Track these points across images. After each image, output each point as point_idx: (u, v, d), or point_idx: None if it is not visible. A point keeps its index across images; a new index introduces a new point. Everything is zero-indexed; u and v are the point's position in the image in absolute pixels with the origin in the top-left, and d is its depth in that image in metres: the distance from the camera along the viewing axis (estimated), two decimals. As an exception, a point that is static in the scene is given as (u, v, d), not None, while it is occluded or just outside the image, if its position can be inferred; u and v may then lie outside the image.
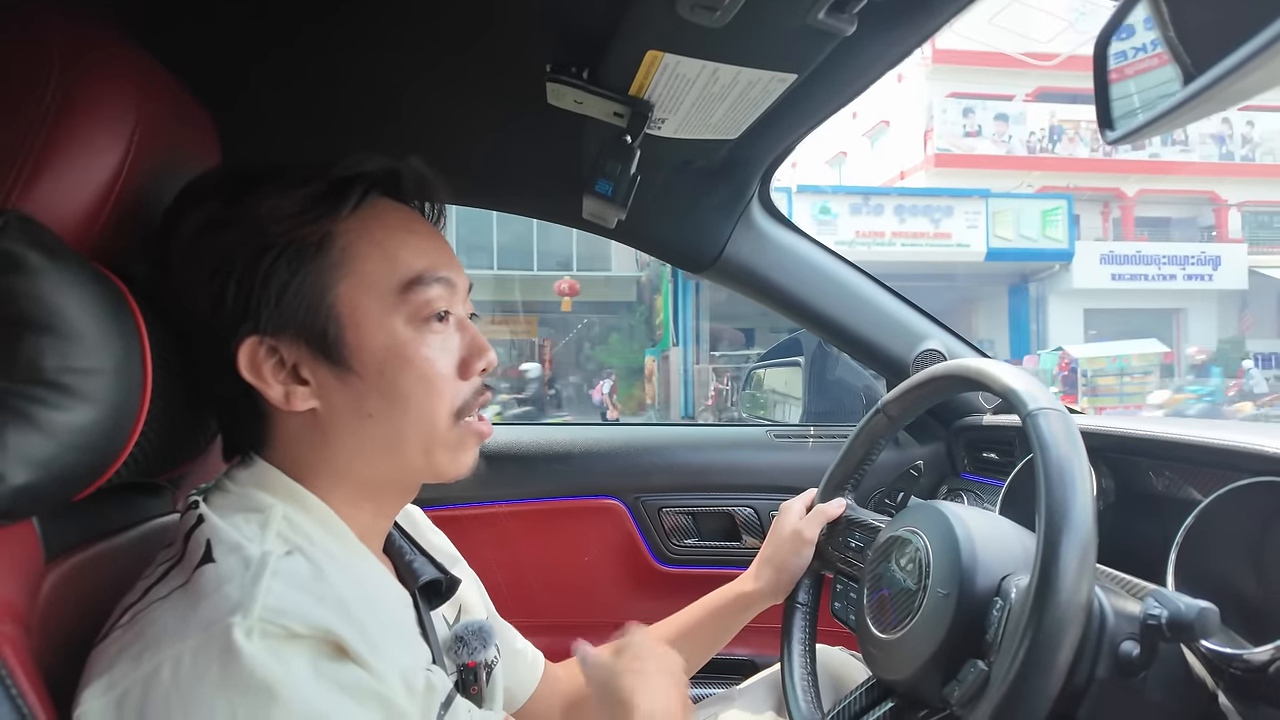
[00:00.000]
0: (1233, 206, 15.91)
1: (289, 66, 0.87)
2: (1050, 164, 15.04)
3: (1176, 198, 15.91)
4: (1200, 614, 0.58)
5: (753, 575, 0.95)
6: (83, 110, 0.56)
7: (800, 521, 0.95)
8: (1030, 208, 13.77)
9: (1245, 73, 0.40)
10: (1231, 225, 16.03)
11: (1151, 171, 15.35)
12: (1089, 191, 15.19)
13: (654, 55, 0.63)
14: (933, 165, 14.89)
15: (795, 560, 0.94)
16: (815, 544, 0.94)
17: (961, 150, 15.01)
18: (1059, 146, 15.18)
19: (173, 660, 0.47)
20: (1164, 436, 0.89)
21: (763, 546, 0.97)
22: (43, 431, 0.49)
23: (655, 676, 0.69)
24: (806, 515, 0.96)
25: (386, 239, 0.62)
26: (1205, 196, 15.92)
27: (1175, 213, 16.25)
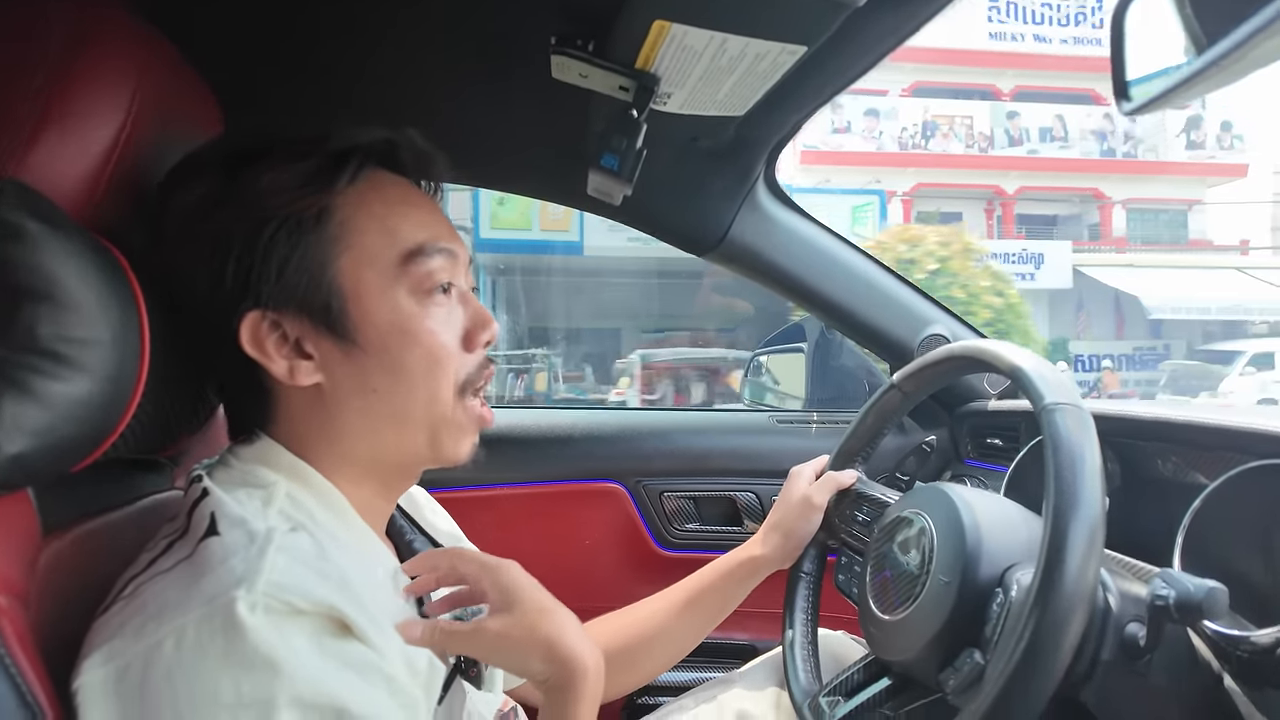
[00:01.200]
0: (1117, 204, 15.81)
1: (291, 39, 0.86)
2: (922, 160, 14.88)
3: (1060, 195, 15.78)
4: (1209, 594, 0.57)
5: (760, 540, 0.95)
6: (81, 79, 0.55)
7: (810, 487, 0.94)
8: (841, 204, 13.20)
9: (1258, 42, 0.40)
10: (1116, 223, 15.97)
11: (1028, 168, 15.18)
12: (970, 189, 15.02)
13: (661, 25, 0.62)
14: (799, 163, 14.70)
15: (803, 526, 0.93)
16: (824, 511, 0.93)
17: (830, 147, 14.82)
18: (932, 143, 15.03)
19: (176, 633, 0.47)
20: (1171, 419, 0.89)
21: (770, 512, 0.97)
22: (39, 401, 0.49)
23: (561, 613, 0.62)
24: (816, 481, 0.95)
25: (386, 212, 0.61)
26: (1089, 194, 15.79)
27: (1061, 210, 16.13)
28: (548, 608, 0.61)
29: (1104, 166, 15.48)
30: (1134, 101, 0.50)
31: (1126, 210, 16.04)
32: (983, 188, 15.22)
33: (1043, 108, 15.09)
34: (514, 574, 0.62)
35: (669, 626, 0.93)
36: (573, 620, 0.61)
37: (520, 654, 0.59)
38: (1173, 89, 0.48)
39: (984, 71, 15.18)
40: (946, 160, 14.87)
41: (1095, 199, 15.87)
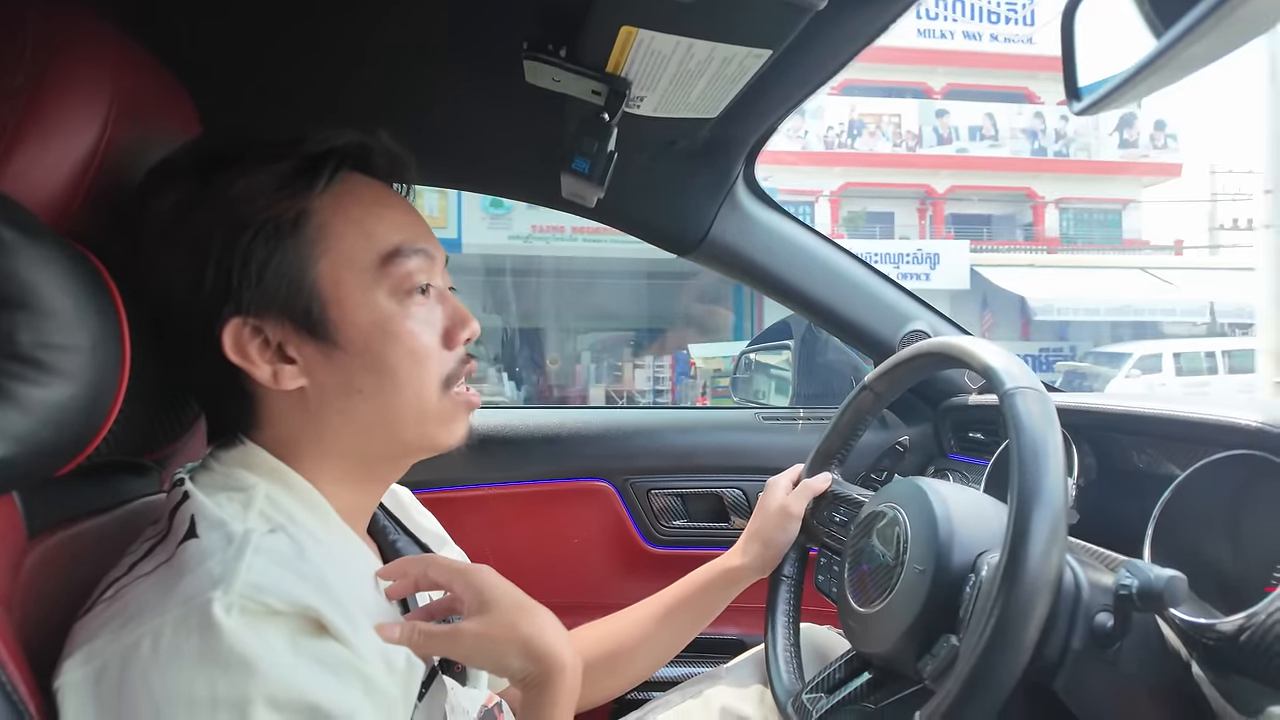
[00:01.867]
0: (1050, 203, 15.56)
1: (267, 43, 0.87)
2: (848, 160, 14.63)
3: (991, 194, 15.42)
4: (1169, 582, 0.59)
5: (739, 550, 0.96)
6: (57, 88, 0.56)
7: (787, 497, 0.95)
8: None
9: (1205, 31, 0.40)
10: (1049, 222, 15.71)
11: (957, 167, 14.86)
12: (900, 188, 14.78)
13: (628, 31, 0.63)
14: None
15: (782, 535, 0.94)
16: (801, 518, 0.94)
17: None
18: (859, 142, 14.78)
19: (152, 633, 0.48)
20: (1142, 412, 0.90)
21: (749, 521, 0.97)
22: (19, 407, 0.50)
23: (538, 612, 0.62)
24: (793, 490, 0.96)
25: (362, 215, 0.62)
26: (1022, 193, 15.51)
27: (995, 210, 15.79)
28: (525, 606, 0.61)
29: (1037, 165, 15.22)
30: (1084, 100, 0.51)
31: (1059, 210, 15.72)
32: (913, 187, 14.91)
33: (973, 106, 14.79)
34: (487, 576, 0.62)
35: (649, 635, 0.94)
36: (550, 618, 0.62)
37: (499, 653, 0.60)
38: (1123, 84, 0.49)
39: (915, 69, 14.89)
40: (871, 159, 14.59)
41: (1028, 198, 15.57)
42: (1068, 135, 15.22)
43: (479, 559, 0.81)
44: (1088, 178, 15.33)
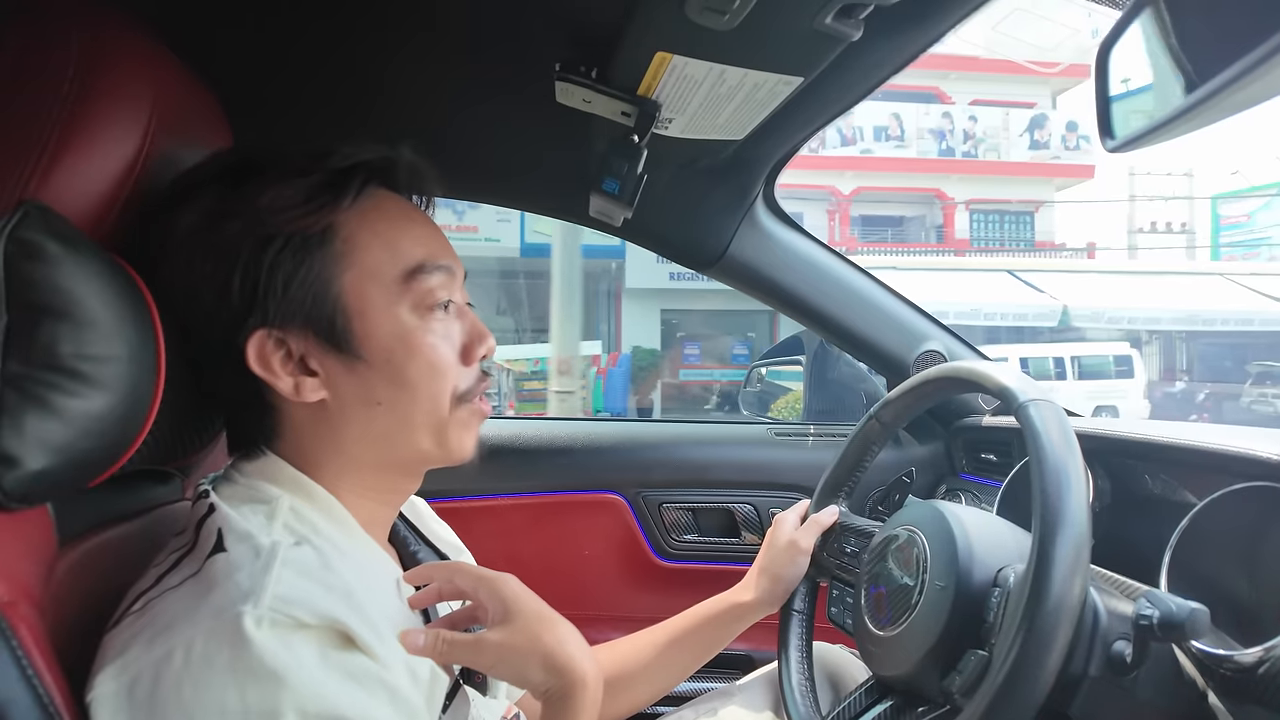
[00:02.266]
0: (960, 205, 15.19)
1: (301, 60, 0.88)
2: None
3: (899, 195, 15.07)
4: (1191, 615, 0.59)
5: (749, 586, 0.95)
6: (99, 102, 0.57)
7: (796, 532, 0.95)
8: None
9: (1246, 83, 0.41)
10: (959, 224, 15.39)
11: (862, 168, 14.52)
12: (805, 189, 14.31)
13: (662, 56, 0.64)
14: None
15: (791, 570, 0.94)
16: (811, 553, 0.94)
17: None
18: None
19: (184, 645, 0.48)
20: (1160, 440, 0.90)
21: (758, 556, 0.97)
22: (59, 417, 0.50)
23: (561, 625, 0.62)
24: (802, 525, 0.96)
25: (388, 229, 0.63)
26: (931, 194, 15.16)
27: (906, 211, 15.50)
28: (548, 618, 0.61)
29: (946, 166, 14.87)
30: (1117, 139, 0.51)
31: (970, 211, 15.37)
32: (818, 188, 14.50)
33: (879, 106, 14.45)
34: (512, 586, 0.62)
35: (651, 665, 0.93)
36: (573, 631, 0.62)
37: (521, 664, 0.60)
38: (1158, 127, 0.49)
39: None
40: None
41: (938, 200, 15.18)
42: (976, 136, 14.98)
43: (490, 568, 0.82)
44: (998, 179, 15.06)
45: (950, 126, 14.86)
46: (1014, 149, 15.14)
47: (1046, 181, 15.55)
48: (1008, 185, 15.24)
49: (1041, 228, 16.01)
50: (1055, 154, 15.25)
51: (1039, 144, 15.22)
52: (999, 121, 15.01)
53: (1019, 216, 15.99)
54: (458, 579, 0.63)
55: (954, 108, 14.96)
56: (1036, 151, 15.22)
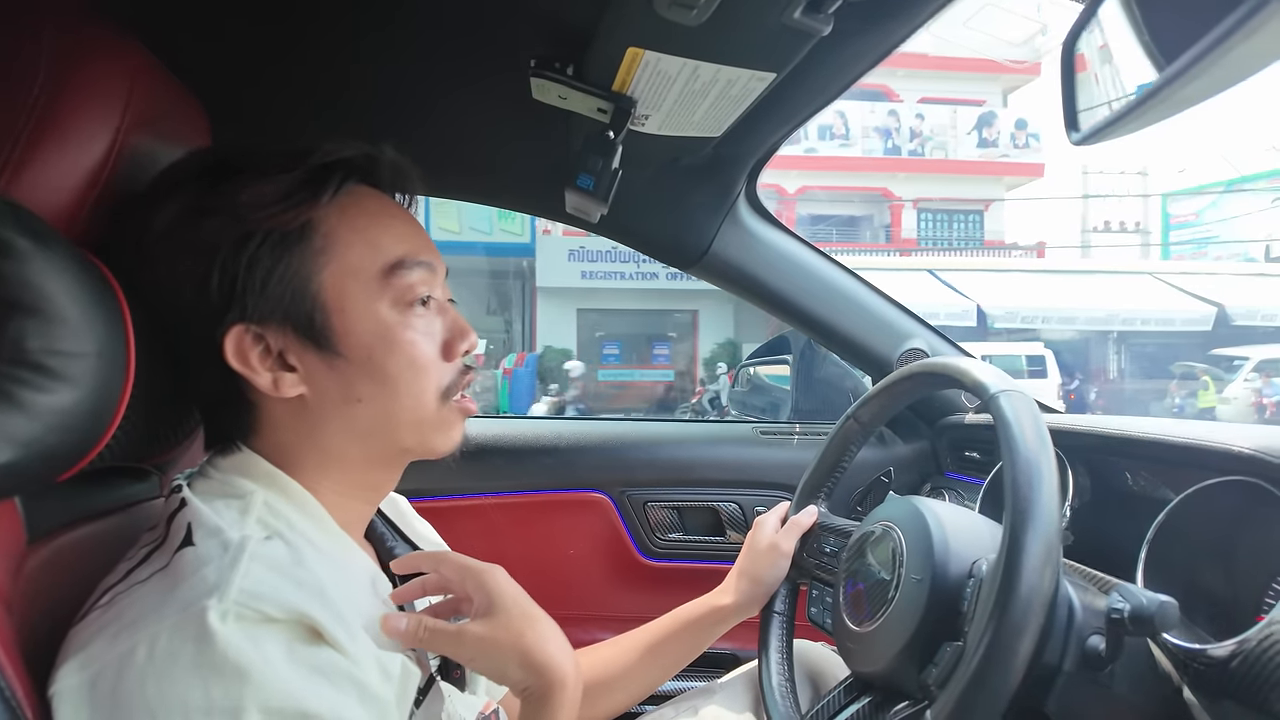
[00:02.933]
0: (907, 203, 15.07)
1: (277, 55, 0.88)
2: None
3: (846, 194, 14.94)
4: (1160, 607, 0.59)
5: (729, 589, 0.95)
6: (71, 97, 0.57)
7: (776, 535, 0.95)
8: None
9: (1207, 67, 0.41)
10: (906, 223, 15.32)
11: (806, 167, 14.36)
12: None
13: (635, 52, 0.64)
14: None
15: (772, 573, 0.94)
16: (791, 556, 0.94)
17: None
18: None
19: (148, 640, 0.48)
20: (1137, 435, 0.91)
21: (738, 559, 0.97)
22: (25, 412, 0.50)
23: (544, 622, 0.62)
24: (782, 528, 0.96)
25: (368, 225, 0.63)
26: (878, 193, 15.02)
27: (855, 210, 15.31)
28: (532, 615, 0.61)
29: (893, 165, 14.75)
30: (1083, 130, 0.51)
31: (918, 211, 15.27)
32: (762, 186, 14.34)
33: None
34: (498, 578, 0.62)
35: (632, 669, 0.93)
36: (555, 630, 0.62)
37: (500, 659, 0.60)
38: (1123, 116, 0.49)
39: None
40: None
41: (885, 199, 15.08)
42: (923, 134, 14.83)
43: None
44: (946, 177, 14.92)
45: (897, 125, 14.74)
46: (962, 147, 15.02)
47: (996, 180, 15.44)
48: (956, 184, 15.12)
49: (992, 227, 15.89)
50: (1004, 152, 15.15)
51: (987, 142, 15.11)
52: (947, 119, 14.87)
53: (968, 216, 15.87)
54: (443, 568, 0.64)
55: (900, 106, 14.87)
56: (985, 150, 15.11)
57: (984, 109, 15.23)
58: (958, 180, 15.03)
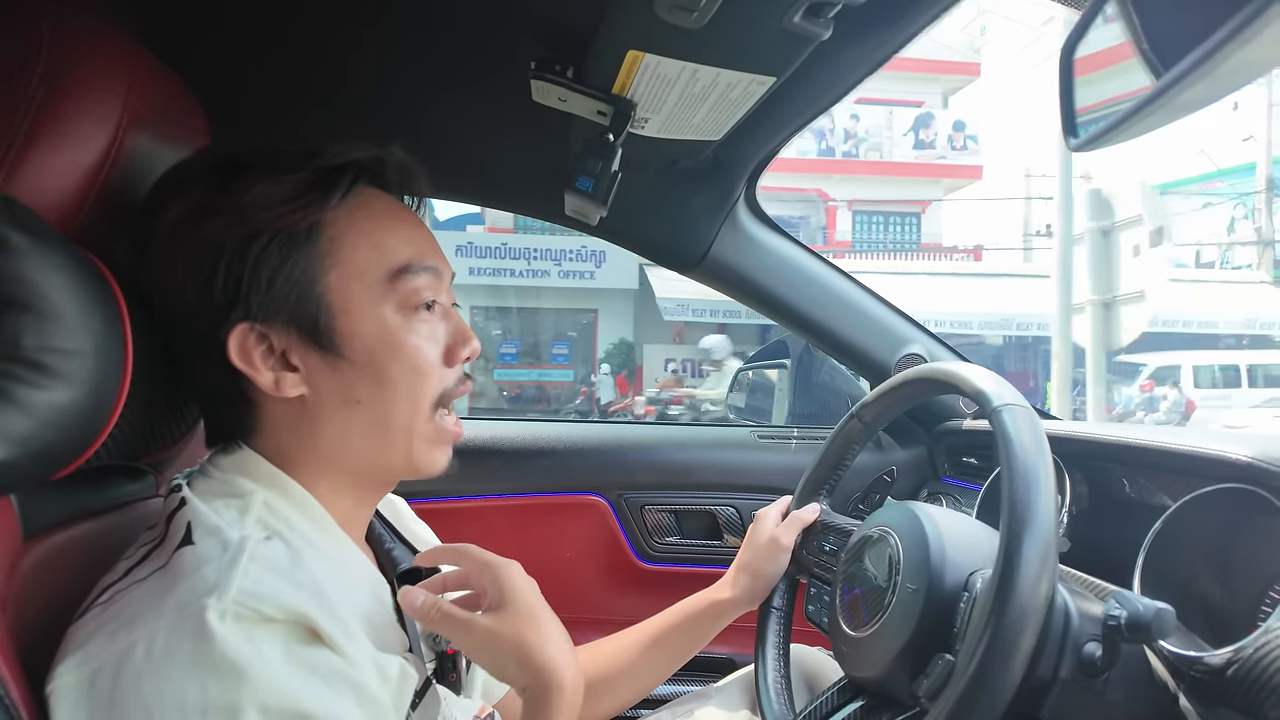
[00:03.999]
0: (841, 205, 14.85)
1: (279, 59, 0.88)
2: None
3: (780, 195, 14.35)
4: (1157, 614, 0.59)
5: (729, 583, 0.95)
6: (70, 95, 0.57)
7: (777, 529, 0.95)
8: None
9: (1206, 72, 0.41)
10: (842, 225, 15.04)
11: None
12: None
13: (635, 55, 0.64)
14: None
15: (771, 567, 0.94)
16: (791, 550, 0.94)
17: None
18: None
19: (146, 638, 0.48)
20: (1135, 442, 0.91)
21: (738, 554, 0.97)
22: (21, 409, 0.50)
23: (549, 624, 0.62)
24: (783, 522, 0.96)
25: (374, 228, 0.63)
26: (813, 194, 14.70)
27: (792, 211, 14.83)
28: (538, 615, 0.61)
29: (826, 166, 14.47)
30: (1080, 137, 0.51)
31: (853, 213, 14.99)
32: None
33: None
34: (513, 575, 0.62)
35: (633, 666, 0.93)
36: (560, 632, 0.62)
37: (501, 655, 0.60)
38: (1121, 123, 0.49)
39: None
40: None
41: (820, 200, 14.69)
42: (858, 135, 14.65)
43: None
44: (883, 179, 14.73)
45: (830, 125, 14.52)
46: (898, 149, 14.84)
47: (934, 183, 15.22)
48: (892, 186, 14.91)
49: (930, 229, 15.66)
50: (941, 154, 14.94)
51: (924, 144, 14.90)
52: (882, 120, 14.71)
53: (905, 218, 15.66)
54: (464, 561, 0.64)
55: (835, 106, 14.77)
56: (921, 151, 14.90)
57: (922, 110, 15.09)
58: (894, 182, 14.86)
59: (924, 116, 14.98)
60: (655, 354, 13.54)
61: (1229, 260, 15.59)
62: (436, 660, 0.70)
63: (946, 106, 15.72)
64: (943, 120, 15.06)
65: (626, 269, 12.78)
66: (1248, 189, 14.31)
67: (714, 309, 12.02)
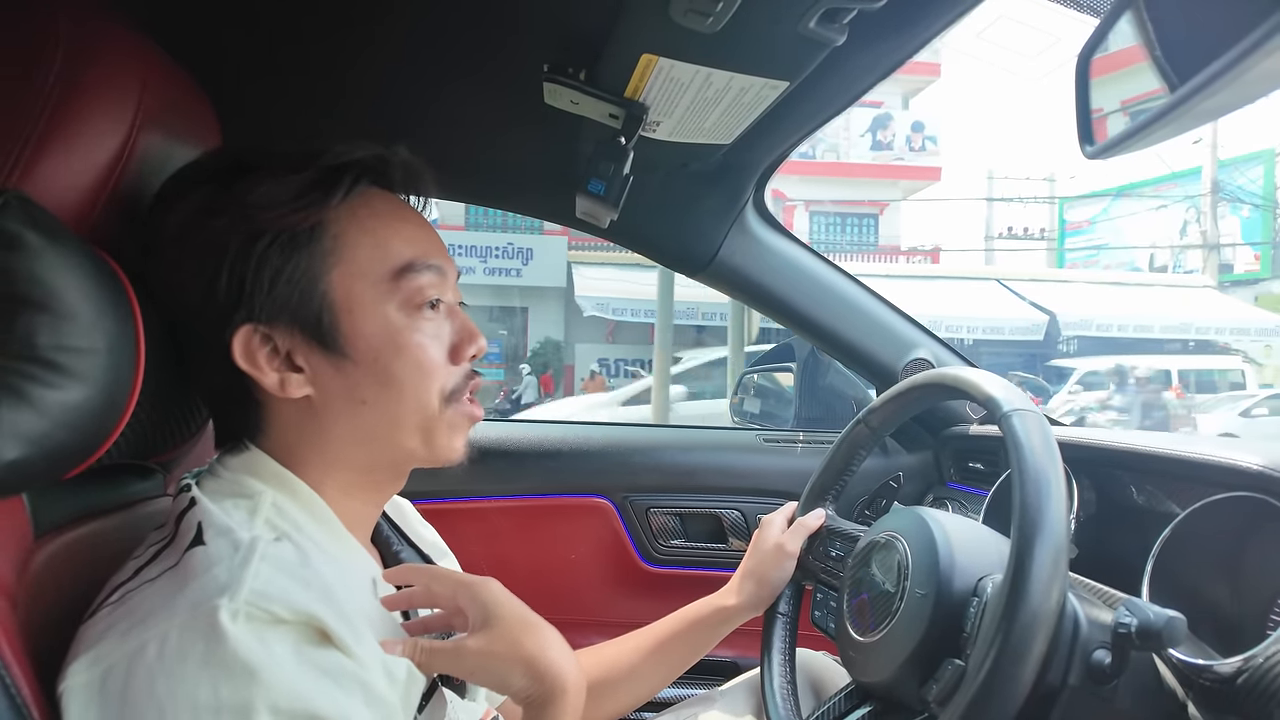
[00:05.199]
0: (799, 205, 14.78)
1: (290, 58, 0.88)
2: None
3: None
4: (1168, 623, 0.59)
5: (734, 589, 0.95)
6: (85, 95, 0.57)
7: (782, 535, 0.95)
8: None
9: (1225, 84, 0.41)
10: (799, 226, 14.66)
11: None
12: None
13: (649, 59, 0.64)
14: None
15: (777, 573, 0.94)
16: (797, 556, 0.94)
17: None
18: None
19: (159, 638, 0.48)
20: (1143, 449, 0.90)
21: (744, 560, 0.97)
22: (35, 408, 0.50)
23: (543, 629, 0.61)
24: (788, 529, 0.96)
25: (378, 227, 0.63)
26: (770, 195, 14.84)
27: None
28: (530, 623, 0.61)
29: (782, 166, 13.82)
30: (1096, 145, 0.51)
31: (810, 214, 15.02)
32: None
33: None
34: (493, 591, 0.62)
35: (636, 670, 0.93)
36: (555, 635, 0.62)
37: (502, 670, 0.59)
38: (1136, 132, 0.49)
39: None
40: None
41: (778, 199, 13.93)
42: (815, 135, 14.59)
43: (475, 572, 0.82)
44: (840, 180, 14.64)
45: None
46: (855, 149, 14.79)
47: (891, 184, 15.16)
48: (850, 187, 14.83)
49: (888, 231, 15.60)
50: (899, 155, 14.86)
51: (882, 145, 14.84)
52: (839, 121, 14.60)
53: (862, 219, 15.60)
54: (435, 585, 0.63)
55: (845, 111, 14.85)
56: (879, 153, 14.83)
57: (880, 111, 15.04)
58: (851, 183, 14.78)
59: (881, 117, 14.96)
60: (587, 354, 13.36)
61: (1181, 264, 15.61)
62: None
63: (907, 108, 15.68)
64: (901, 121, 15.00)
65: (555, 267, 12.63)
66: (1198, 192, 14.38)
67: (634, 308, 11.86)
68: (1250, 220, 14.60)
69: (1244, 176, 14.47)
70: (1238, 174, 14.47)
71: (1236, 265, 14.99)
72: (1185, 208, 15.01)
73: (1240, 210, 14.56)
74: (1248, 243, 14.65)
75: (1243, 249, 14.80)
